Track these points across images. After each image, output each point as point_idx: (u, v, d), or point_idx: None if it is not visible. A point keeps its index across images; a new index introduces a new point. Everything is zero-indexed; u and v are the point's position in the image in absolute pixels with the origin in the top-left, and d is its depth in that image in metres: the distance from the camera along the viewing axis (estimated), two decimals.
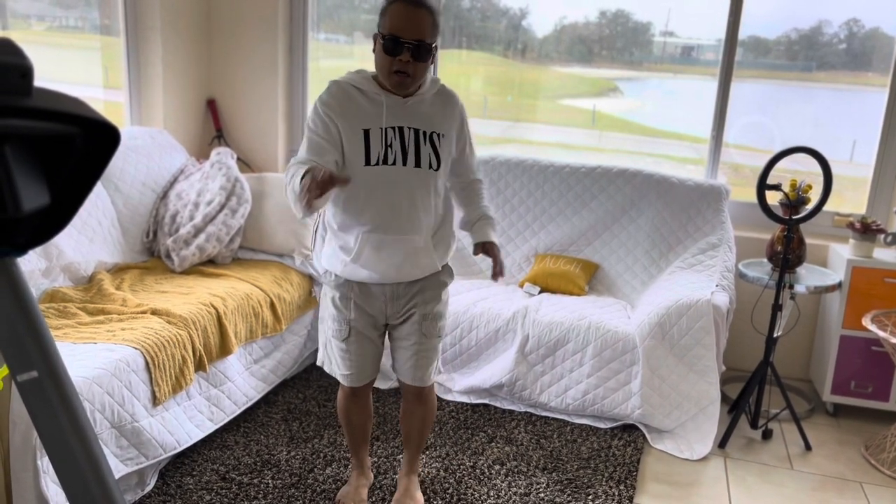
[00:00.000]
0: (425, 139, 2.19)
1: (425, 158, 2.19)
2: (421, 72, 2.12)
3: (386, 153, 2.16)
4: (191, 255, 3.32)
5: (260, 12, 4.15)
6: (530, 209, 3.83)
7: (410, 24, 2.05)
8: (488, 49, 4.22)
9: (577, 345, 3.18)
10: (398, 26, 2.05)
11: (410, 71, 2.09)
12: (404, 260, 2.24)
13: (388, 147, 2.16)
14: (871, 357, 3.36)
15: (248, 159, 4.36)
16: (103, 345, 2.44)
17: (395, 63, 2.08)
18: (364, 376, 2.41)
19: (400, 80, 2.10)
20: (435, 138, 2.21)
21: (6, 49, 0.70)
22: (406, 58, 2.07)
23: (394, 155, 2.16)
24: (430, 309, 2.36)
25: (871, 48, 3.65)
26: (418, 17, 2.06)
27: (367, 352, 2.38)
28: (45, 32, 3.54)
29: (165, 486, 2.59)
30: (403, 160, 2.17)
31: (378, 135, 2.15)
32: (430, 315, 2.37)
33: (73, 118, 0.79)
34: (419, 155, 2.18)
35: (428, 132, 2.20)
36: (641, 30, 4.02)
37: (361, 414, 2.52)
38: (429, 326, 2.37)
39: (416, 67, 2.09)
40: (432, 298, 2.36)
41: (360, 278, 2.28)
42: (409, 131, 2.18)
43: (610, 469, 2.86)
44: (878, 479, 2.96)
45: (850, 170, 3.78)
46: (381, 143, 2.15)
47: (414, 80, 2.13)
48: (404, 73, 2.09)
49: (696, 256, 3.52)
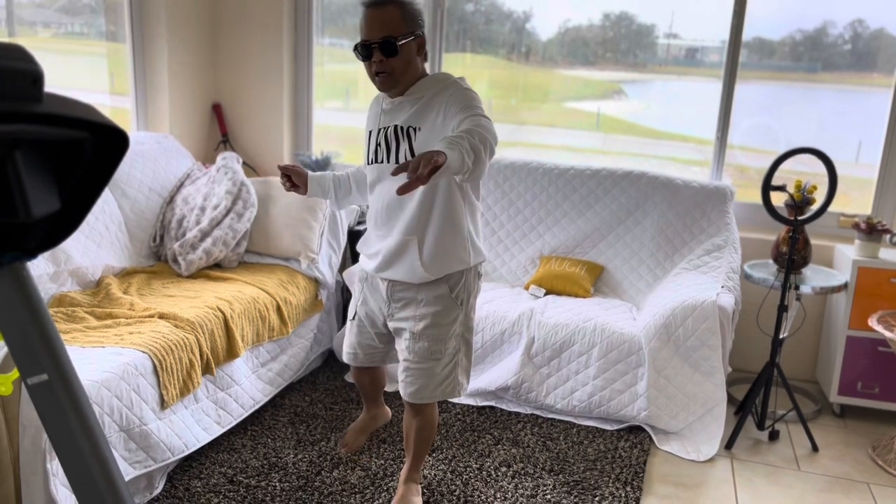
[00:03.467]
0: (403, 135, 2.22)
1: (402, 155, 2.22)
2: (400, 66, 2.16)
3: (376, 152, 2.28)
4: (197, 260, 3.33)
5: (265, 18, 4.17)
6: (535, 211, 3.83)
7: (373, 24, 2.13)
8: (492, 52, 4.22)
9: (583, 347, 3.18)
10: (364, 31, 2.16)
11: (387, 69, 2.15)
12: (388, 257, 2.31)
13: (378, 146, 2.27)
14: (877, 358, 3.35)
15: (253, 163, 4.37)
16: (111, 348, 2.45)
17: (372, 66, 2.17)
18: (357, 360, 2.57)
19: (382, 80, 2.18)
20: (411, 132, 2.19)
21: (18, 55, 0.71)
22: (378, 58, 2.14)
23: (382, 154, 2.27)
24: (418, 328, 2.29)
25: (875, 49, 3.65)
26: (381, 16, 2.12)
27: (361, 341, 2.53)
28: (51, 39, 3.56)
29: (174, 490, 2.60)
30: (387, 158, 2.26)
31: (374, 136, 2.30)
32: (417, 335, 2.29)
33: (83, 123, 0.80)
34: (397, 151, 2.23)
35: (404, 127, 2.21)
36: (645, 32, 4.03)
37: (361, 380, 2.70)
38: (417, 346, 2.30)
39: (391, 64, 2.14)
40: (423, 318, 2.28)
41: (366, 268, 2.42)
42: (391, 129, 2.25)
43: (616, 470, 2.85)
44: (886, 480, 2.95)
45: (856, 170, 3.78)
46: (374, 144, 2.29)
47: (395, 78, 2.17)
48: (383, 72, 2.15)
49: (702, 258, 3.52)
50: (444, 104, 2.15)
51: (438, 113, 2.15)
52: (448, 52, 4.19)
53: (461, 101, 2.12)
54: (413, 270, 2.26)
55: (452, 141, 1.83)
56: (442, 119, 2.14)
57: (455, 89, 2.16)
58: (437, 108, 2.16)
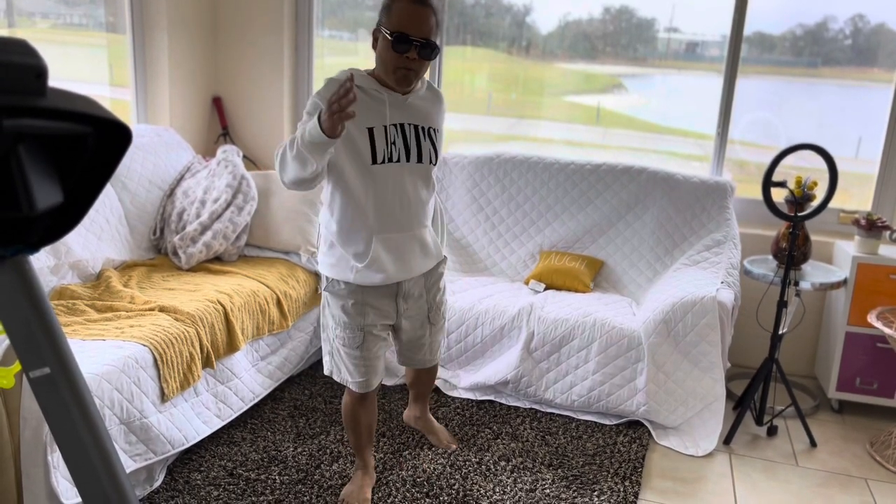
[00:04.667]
0: (425, 135, 2.24)
1: (426, 154, 2.25)
2: (424, 69, 2.17)
3: (391, 151, 2.17)
4: (197, 253, 3.33)
5: (265, 10, 4.16)
6: (535, 206, 3.83)
7: (418, 21, 2.07)
8: (492, 46, 4.22)
9: (583, 341, 3.19)
10: (406, 24, 2.06)
11: (416, 68, 2.12)
12: (415, 255, 2.29)
13: (392, 144, 2.17)
14: (876, 354, 3.35)
15: (253, 157, 4.37)
16: (112, 342, 2.45)
17: (402, 60, 2.09)
18: (376, 380, 2.42)
19: (405, 75, 2.12)
20: (432, 133, 2.28)
21: (22, 50, 0.71)
22: (413, 55, 2.09)
23: (398, 152, 2.19)
24: (435, 298, 2.47)
25: (876, 44, 3.64)
26: (425, 16, 2.08)
27: (380, 353, 2.40)
28: (49, 30, 3.55)
29: (174, 482, 2.61)
30: (407, 157, 2.20)
31: (382, 132, 2.16)
32: (435, 304, 2.48)
33: (86, 118, 0.80)
34: (420, 150, 2.23)
35: (426, 128, 2.26)
36: (646, 26, 4.02)
37: (368, 417, 2.52)
38: (435, 314, 2.50)
39: (421, 65, 2.13)
40: (433, 286, 2.46)
41: (373, 282, 2.25)
42: (409, 128, 2.21)
43: (615, 465, 2.86)
44: (884, 476, 2.96)
45: (856, 166, 3.78)
46: (385, 141, 2.16)
47: (417, 78, 2.17)
48: (409, 69, 2.11)
49: (702, 253, 3.52)
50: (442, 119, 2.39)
51: (440, 122, 2.37)
52: (448, 46, 4.18)
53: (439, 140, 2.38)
54: (429, 257, 2.37)
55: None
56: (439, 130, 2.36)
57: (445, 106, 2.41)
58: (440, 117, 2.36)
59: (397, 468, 2.78)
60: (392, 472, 2.75)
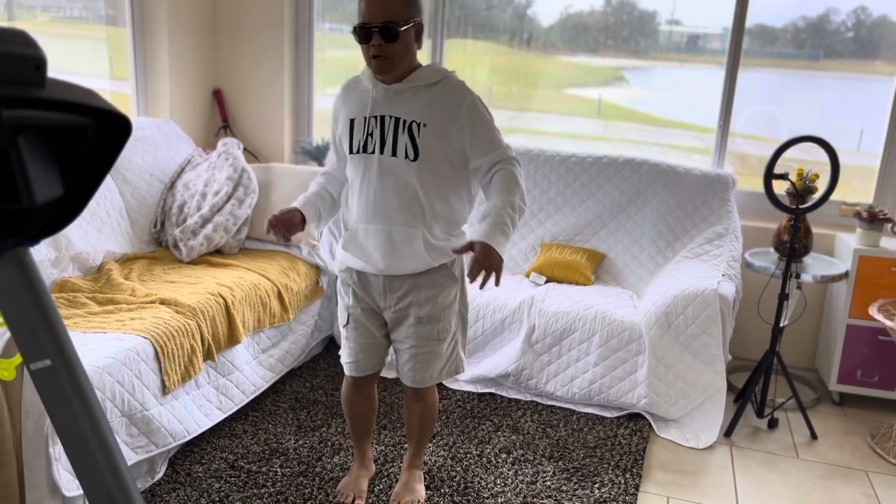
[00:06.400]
0: (404, 128, 2.15)
1: (401, 148, 2.16)
2: (398, 53, 2.11)
3: (366, 141, 2.19)
4: (198, 246, 3.33)
5: (266, 2, 4.15)
6: (536, 199, 3.83)
7: (375, 8, 2.07)
8: (493, 38, 4.21)
9: (584, 334, 3.19)
10: (364, 12, 2.09)
11: (385, 54, 2.10)
12: (386, 252, 2.21)
13: (369, 136, 2.18)
14: (877, 346, 3.35)
15: (254, 149, 4.37)
16: (113, 334, 2.45)
17: (370, 49, 2.11)
18: (363, 367, 2.41)
19: (378, 64, 2.12)
20: (414, 128, 2.14)
21: (21, 41, 0.71)
22: (377, 41, 2.08)
23: (373, 143, 2.18)
24: (424, 312, 2.29)
25: (878, 36, 3.63)
26: (382, 0, 2.07)
27: (366, 342, 2.37)
28: (49, 23, 3.54)
29: (175, 474, 2.61)
30: (381, 149, 2.17)
31: (361, 123, 2.21)
32: (424, 318, 2.29)
33: (85, 109, 0.80)
34: (396, 144, 2.16)
35: (407, 121, 2.15)
36: (647, 18, 4.01)
37: (364, 405, 2.52)
38: (424, 330, 2.30)
39: (390, 49, 2.09)
40: (427, 300, 2.28)
41: (356, 266, 2.31)
42: (389, 120, 2.17)
43: (616, 457, 2.87)
44: (884, 468, 2.96)
45: (858, 159, 3.77)
46: (362, 132, 2.20)
47: (393, 63, 2.11)
48: (379, 56, 2.10)
49: (703, 246, 3.52)
50: (464, 123, 2.15)
51: (449, 119, 2.15)
52: (449, 38, 4.17)
53: (485, 133, 2.16)
54: (418, 260, 2.22)
55: (499, 226, 2.05)
56: (458, 129, 2.15)
57: (473, 108, 2.16)
58: (450, 114, 2.15)
59: (398, 460, 2.78)
60: (393, 465, 2.75)
